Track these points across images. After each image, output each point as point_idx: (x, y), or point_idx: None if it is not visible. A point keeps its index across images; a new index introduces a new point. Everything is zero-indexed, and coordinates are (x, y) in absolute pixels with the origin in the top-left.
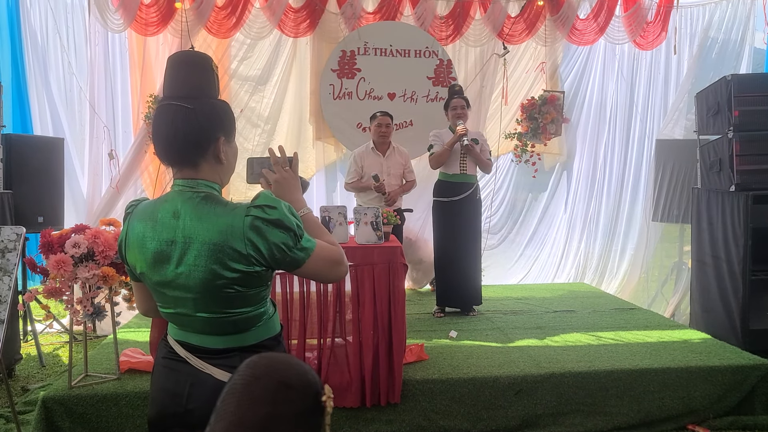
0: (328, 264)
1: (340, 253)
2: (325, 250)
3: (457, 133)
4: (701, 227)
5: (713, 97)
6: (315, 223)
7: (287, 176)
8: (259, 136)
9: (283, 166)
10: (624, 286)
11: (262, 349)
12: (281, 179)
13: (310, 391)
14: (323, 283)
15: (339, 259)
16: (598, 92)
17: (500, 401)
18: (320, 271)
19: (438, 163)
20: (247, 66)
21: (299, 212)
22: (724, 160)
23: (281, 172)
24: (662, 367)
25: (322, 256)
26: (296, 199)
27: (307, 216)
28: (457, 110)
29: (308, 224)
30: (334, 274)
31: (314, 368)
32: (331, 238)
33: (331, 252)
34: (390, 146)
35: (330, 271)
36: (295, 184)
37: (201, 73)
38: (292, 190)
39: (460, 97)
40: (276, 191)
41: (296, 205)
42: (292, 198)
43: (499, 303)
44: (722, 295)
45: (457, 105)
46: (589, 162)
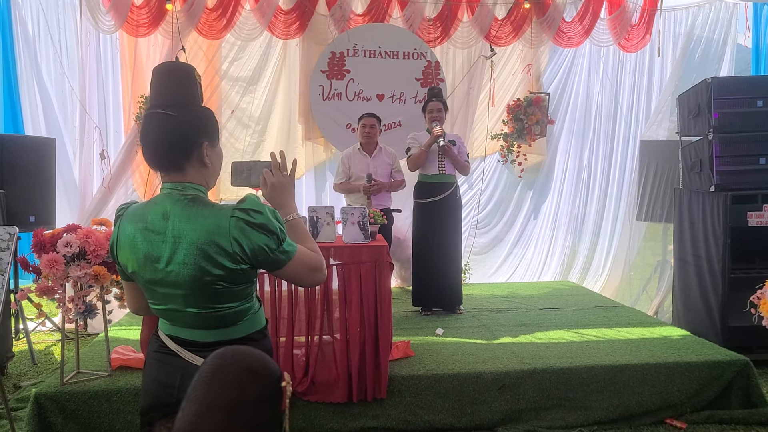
0: (306, 269)
1: (320, 260)
2: (305, 256)
3: (433, 135)
4: (683, 227)
5: (694, 100)
6: (301, 229)
7: (285, 181)
8: (249, 137)
9: (282, 171)
10: (608, 284)
11: (249, 342)
12: (278, 183)
13: (272, 378)
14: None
15: (318, 265)
16: (584, 94)
17: (484, 396)
18: (299, 274)
19: (416, 164)
20: (237, 67)
21: (288, 217)
22: (705, 161)
23: (279, 176)
24: (641, 363)
25: (302, 261)
26: (288, 203)
27: (295, 222)
28: (433, 113)
29: (295, 230)
30: (311, 279)
31: (302, 365)
32: (314, 246)
33: (311, 258)
34: (377, 147)
35: (308, 276)
36: (290, 190)
37: (185, 82)
38: (286, 194)
39: (438, 100)
40: (271, 194)
41: (287, 210)
42: (284, 202)
43: (486, 301)
44: (703, 293)
45: (434, 108)
46: (574, 162)
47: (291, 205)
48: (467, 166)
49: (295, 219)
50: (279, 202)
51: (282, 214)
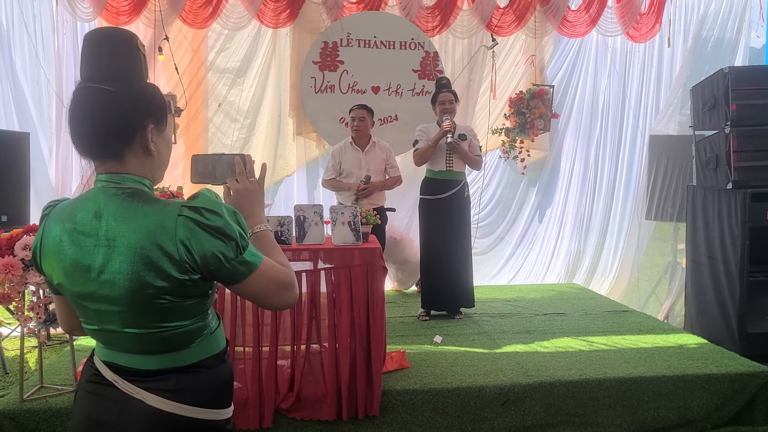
0: (273, 285)
1: (290, 276)
2: (272, 270)
3: (441, 129)
4: (696, 226)
5: (709, 91)
6: (270, 242)
7: (251, 188)
8: (238, 131)
9: (249, 177)
10: (615, 286)
11: (203, 370)
12: (244, 190)
13: None
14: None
15: (288, 282)
16: (590, 86)
17: (486, 413)
18: (263, 292)
19: (421, 159)
20: (224, 58)
21: (256, 229)
22: (721, 156)
23: (245, 183)
24: (657, 375)
25: (268, 275)
26: (255, 213)
27: (264, 234)
28: (444, 105)
29: (262, 243)
30: (279, 298)
31: (287, 378)
32: (285, 260)
33: (279, 273)
34: (370, 141)
35: (275, 295)
36: (258, 198)
37: (125, 52)
38: (253, 203)
39: (448, 91)
40: (236, 203)
41: (255, 220)
42: (252, 212)
43: (488, 305)
44: (718, 297)
45: (445, 99)
46: (580, 158)
47: (259, 215)
48: (479, 161)
49: (263, 231)
50: (245, 211)
51: (248, 225)
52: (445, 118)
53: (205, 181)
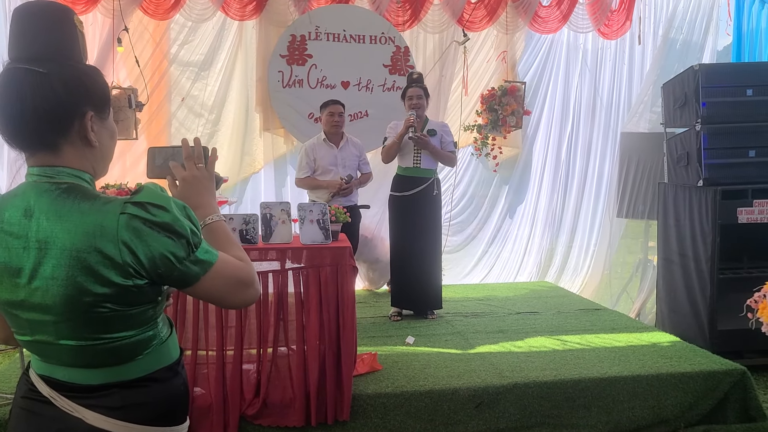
0: (231, 284)
1: (250, 272)
2: (230, 267)
3: (405, 125)
4: (668, 224)
5: (680, 88)
6: (224, 233)
7: (199, 174)
8: (202, 127)
9: (197, 162)
10: (587, 284)
11: (152, 384)
12: (191, 177)
13: None
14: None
15: (247, 279)
16: (562, 83)
17: (459, 415)
18: (220, 291)
19: (388, 156)
20: (188, 51)
21: (207, 219)
22: (692, 153)
23: (193, 169)
24: (632, 375)
25: (225, 274)
26: (206, 203)
27: (217, 225)
28: (413, 100)
29: (216, 235)
30: (238, 297)
31: (253, 383)
32: (243, 254)
33: (237, 269)
34: (343, 137)
35: (233, 294)
36: (207, 185)
37: (59, 28)
38: (203, 191)
39: (418, 86)
40: (183, 192)
41: (205, 210)
42: (202, 201)
43: (460, 304)
44: (689, 294)
45: (413, 94)
46: (552, 156)
47: (209, 204)
48: (451, 158)
49: (216, 222)
50: (194, 201)
51: (198, 216)
52: (410, 113)
53: (164, 175)
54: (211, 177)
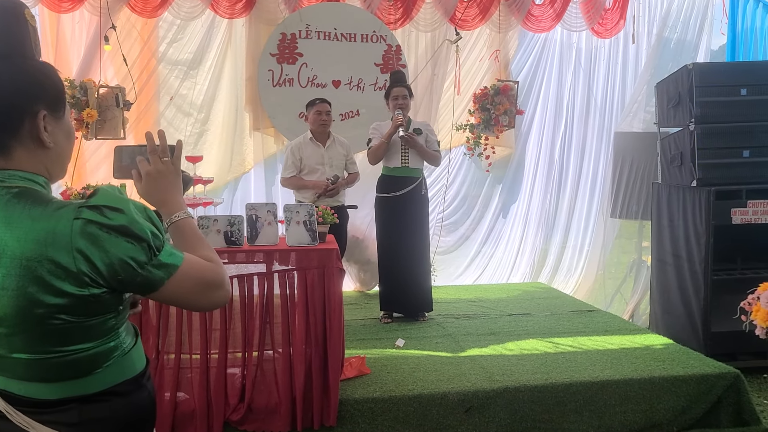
0: (199, 286)
1: (218, 273)
2: (196, 268)
3: (393, 124)
4: (661, 224)
5: (674, 88)
6: (191, 232)
7: (164, 169)
8: (191, 126)
9: (162, 156)
10: (580, 285)
11: (114, 398)
12: (155, 172)
13: None
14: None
15: (216, 280)
16: (555, 83)
17: (449, 420)
18: (187, 295)
19: (376, 157)
20: (177, 49)
21: (174, 217)
22: (686, 153)
23: (157, 164)
24: (624, 378)
25: (192, 276)
26: (172, 199)
27: (184, 223)
28: (398, 100)
29: (183, 233)
30: (207, 300)
31: (237, 387)
32: (212, 254)
33: (204, 271)
34: (330, 136)
35: (202, 296)
36: (173, 181)
37: (8, 23)
38: (168, 187)
39: (402, 85)
40: (147, 188)
41: (171, 207)
42: (168, 197)
43: (452, 306)
44: (683, 296)
45: (399, 94)
46: (545, 155)
47: (175, 201)
48: (436, 157)
49: (183, 219)
50: (159, 197)
51: (164, 213)
52: (397, 113)
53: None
54: (177, 172)
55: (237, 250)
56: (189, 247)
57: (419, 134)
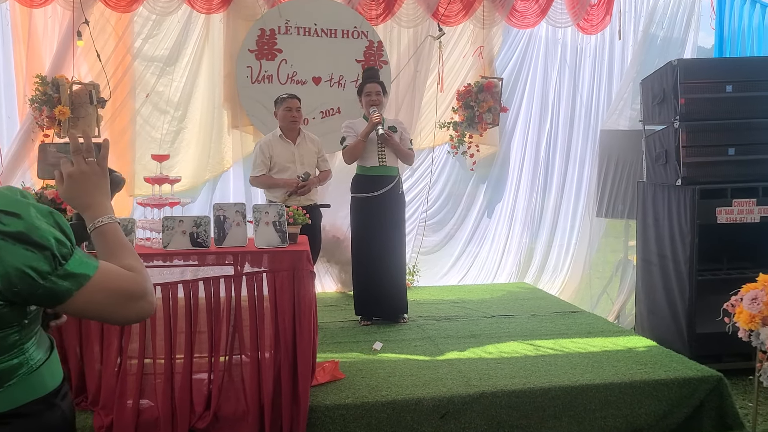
0: (115, 298)
1: (139, 283)
2: (113, 279)
3: (371, 122)
4: (647, 224)
5: (659, 84)
6: (116, 238)
7: (88, 170)
8: (168, 124)
9: (86, 156)
10: (567, 285)
11: (18, 420)
12: (78, 173)
13: None
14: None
15: (136, 291)
16: (540, 79)
17: (423, 427)
18: (101, 307)
19: (352, 156)
20: (152, 45)
21: (98, 222)
22: (670, 151)
23: (81, 164)
24: (604, 383)
25: (106, 287)
26: (96, 203)
27: (108, 228)
28: (371, 96)
29: (106, 239)
30: (125, 312)
31: (204, 394)
32: (135, 262)
33: (122, 281)
34: (300, 133)
35: (119, 309)
36: (98, 183)
37: None
38: (92, 190)
39: (375, 81)
40: (69, 190)
41: (95, 211)
42: (92, 201)
43: (434, 307)
44: (668, 296)
45: (372, 90)
46: (530, 154)
47: (100, 204)
48: (411, 155)
49: (107, 225)
50: (82, 200)
51: (87, 218)
52: (373, 110)
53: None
54: (104, 173)
55: (203, 252)
56: (111, 255)
57: (395, 132)
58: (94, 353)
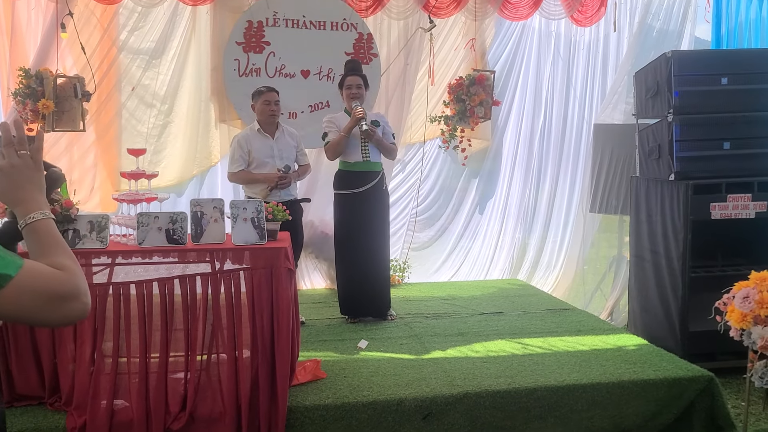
0: (42, 300)
1: (70, 283)
2: (40, 279)
3: (354, 117)
4: (639, 219)
5: (652, 77)
6: (49, 235)
7: (20, 163)
8: (155, 118)
9: (18, 149)
10: (560, 282)
11: None
12: (9, 167)
13: None
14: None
15: (66, 292)
16: (533, 72)
17: (405, 428)
18: (26, 309)
19: (335, 152)
20: (138, 37)
21: (29, 217)
22: (663, 145)
23: (12, 157)
24: (591, 383)
25: (31, 287)
26: (29, 198)
27: (40, 225)
28: (352, 89)
29: (38, 237)
30: (54, 314)
31: (179, 394)
32: (68, 261)
33: (51, 281)
34: (279, 127)
35: (46, 311)
36: (31, 177)
37: None
38: (24, 184)
39: (357, 74)
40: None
41: (27, 206)
42: (24, 196)
43: (423, 304)
44: (661, 293)
45: (353, 84)
46: (523, 148)
47: (32, 199)
48: (394, 150)
49: (40, 221)
50: (13, 195)
51: (19, 213)
52: (355, 105)
53: None
54: (38, 167)
55: (178, 249)
56: (42, 253)
57: (378, 126)
58: (67, 352)
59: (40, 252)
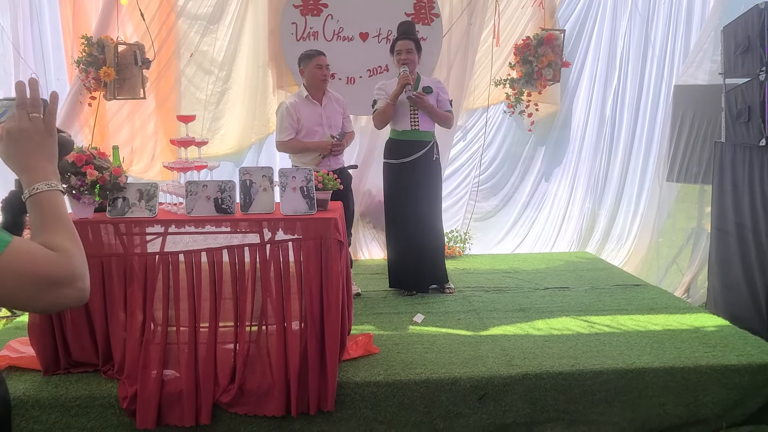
0: (29, 283)
1: (63, 267)
2: (26, 259)
3: (399, 83)
4: (724, 189)
5: (743, 31)
6: (53, 209)
7: (30, 128)
8: (213, 84)
9: (31, 111)
10: (633, 255)
11: None
12: (18, 131)
13: None
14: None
15: (57, 276)
16: (608, 31)
17: (460, 408)
18: (11, 292)
19: (382, 121)
20: (196, 3)
21: (33, 188)
22: (754, 107)
23: (23, 120)
24: (664, 367)
25: (17, 268)
26: (35, 165)
27: (45, 196)
28: (401, 55)
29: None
30: (43, 299)
31: (228, 367)
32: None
33: (40, 264)
34: (326, 93)
35: (33, 295)
36: (41, 143)
37: None
38: (32, 150)
39: (408, 38)
40: (6, 149)
41: (33, 175)
42: (31, 163)
43: (483, 277)
44: (746, 270)
45: (402, 48)
46: (595, 112)
47: (40, 168)
48: (449, 118)
49: (45, 193)
50: (20, 162)
51: (24, 182)
52: (403, 70)
53: None
54: (49, 132)
55: (228, 219)
56: (42, 229)
57: (429, 93)
58: (119, 321)
59: (39, 228)
